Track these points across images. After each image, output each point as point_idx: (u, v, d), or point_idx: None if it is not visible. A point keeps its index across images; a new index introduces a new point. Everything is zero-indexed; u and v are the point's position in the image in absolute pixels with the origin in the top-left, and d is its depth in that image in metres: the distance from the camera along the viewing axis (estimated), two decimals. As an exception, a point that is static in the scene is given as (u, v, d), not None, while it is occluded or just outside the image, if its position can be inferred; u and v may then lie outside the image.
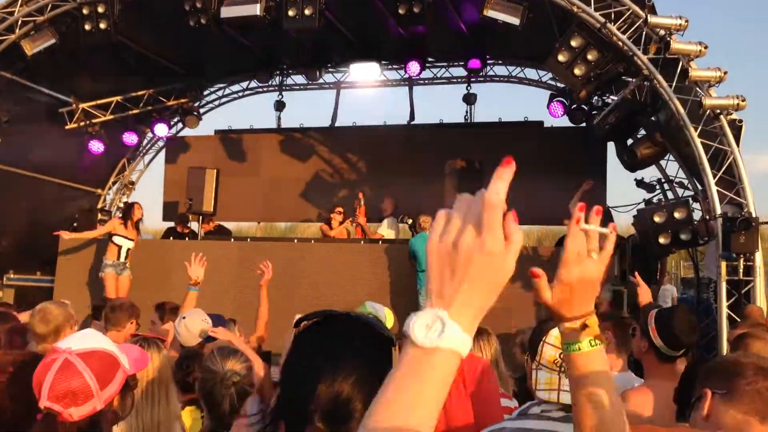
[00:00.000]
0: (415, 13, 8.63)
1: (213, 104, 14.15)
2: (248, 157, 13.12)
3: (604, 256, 1.25)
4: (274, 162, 12.91)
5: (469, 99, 12.44)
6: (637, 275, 5.42)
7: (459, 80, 12.64)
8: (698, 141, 7.61)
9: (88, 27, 9.26)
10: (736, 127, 7.64)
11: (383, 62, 12.37)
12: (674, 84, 7.65)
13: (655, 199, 9.75)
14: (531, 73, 12.24)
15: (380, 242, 10.03)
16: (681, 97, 7.66)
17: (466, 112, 12.48)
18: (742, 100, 7.41)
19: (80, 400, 1.71)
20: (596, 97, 10.23)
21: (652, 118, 8.88)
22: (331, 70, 12.86)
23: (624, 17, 7.84)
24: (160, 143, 14.09)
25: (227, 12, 8.82)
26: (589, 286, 1.25)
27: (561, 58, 8.05)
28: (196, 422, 2.87)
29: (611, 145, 10.50)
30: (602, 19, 7.83)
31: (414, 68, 11.62)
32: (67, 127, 11.93)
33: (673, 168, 9.83)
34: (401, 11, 8.73)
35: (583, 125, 11.00)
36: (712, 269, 8.57)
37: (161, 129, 13.10)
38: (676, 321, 3.01)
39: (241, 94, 14.01)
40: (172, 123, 13.67)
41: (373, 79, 12.80)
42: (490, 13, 8.08)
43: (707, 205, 7.83)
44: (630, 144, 9.36)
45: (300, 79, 13.26)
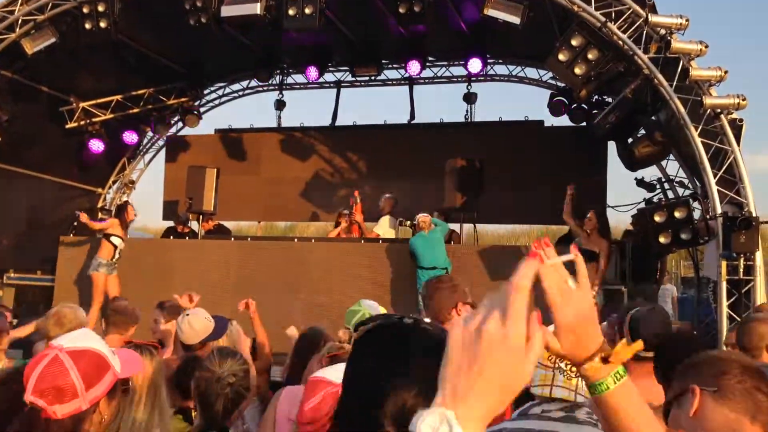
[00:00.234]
0: (416, 12, 8.62)
1: (213, 103, 14.15)
2: (248, 156, 13.12)
3: (582, 279, 1.21)
4: (275, 161, 12.90)
5: (470, 98, 12.42)
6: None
7: (459, 79, 12.62)
8: (698, 140, 7.61)
9: (88, 26, 9.26)
10: (737, 126, 7.63)
11: (383, 61, 12.36)
12: (675, 83, 7.65)
13: (655, 199, 9.74)
14: (531, 73, 12.24)
15: (380, 241, 10.02)
16: (681, 96, 7.65)
17: (467, 111, 12.46)
18: (743, 100, 7.40)
19: (65, 397, 1.71)
20: (597, 97, 10.22)
21: (653, 118, 8.87)
22: (331, 69, 12.85)
23: (624, 16, 7.84)
24: (160, 142, 14.09)
25: (227, 11, 8.82)
26: (588, 320, 1.20)
27: (561, 57, 8.05)
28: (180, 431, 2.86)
29: (612, 144, 10.50)
30: (603, 19, 7.82)
31: (414, 67, 11.62)
32: (68, 126, 11.92)
33: (673, 167, 9.84)
34: (402, 10, 8.71)
35: (584, 124, 11.00)
36: (711, 269, 8.56)
37: (161, 128, 13.15)
38: (647, 322, 3.15)
39: (241, 93, 14.00)
40: (173, 122, 13.69)
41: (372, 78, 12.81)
42: (491, 12, 8.07)
43: (707, 204, 7.83)
44: (629, 143, 9.36)
45: (300, 78, 13.25)
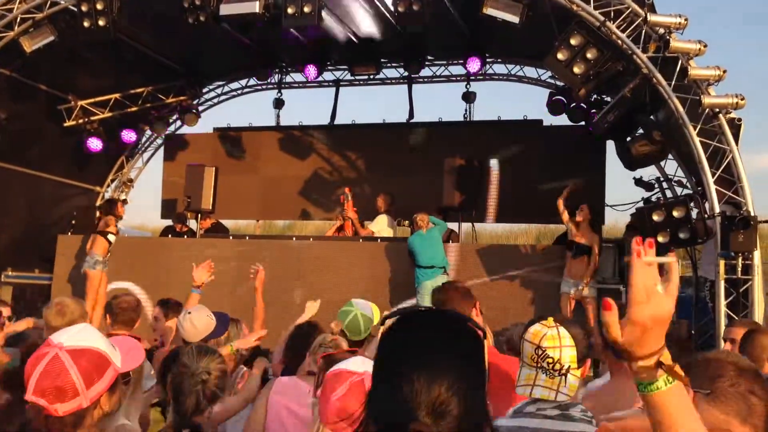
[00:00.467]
0: (415, 11, 8.61)
1: (212, 102, 14.13)
2: (247, 154, 13.12)
3: (671, 286, 1.21)
4: (273, 160, 12.90)
5: (469, 97, 12.41)
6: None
7: (458, 78, 12.62)
8: (697, 140, 7.61)
9: (86, 24, 9.24)
10: (735, 125, 7.64)
11: (382, 60, 12.35)
12: (673, 82, 7.65)
13: (653, 198, 9.75)
14: (530, 72, 12.23)
15: (379, 240, 10.03)
16: (680, 95, 7.66)
17: (466, 110, 12.46)
18: (741, 99, 7.40)
19: (66, 396, 1.72)
20: (595, 96, 10.22)
21: (651, 117, 8.88)
22: (330, 68, 12.84)
23: (623, 15, 7.84)
24: (159, 141, 14.07)
25: (226, 9, 8.81)
26: (662, 323, 1.21)
27: (560, 56, 8.05)
28: (157, 423, 2.86)
29: (611, 143, 10.50)
30: (602, 18, 7.82)
31: (413, 67, 11.62)
32: (66, 125, 11.92)
33: (672, 166, 9.84)
34: (401, 9, 8.70)
35: (582, 124, 11.00)
36: (707, 269, 8.56)
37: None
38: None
39: (240, 91, 13.98)
40: (171, 120, 13.67)
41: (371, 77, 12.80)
42: (490, 11, 8.07)
43: (702, 204, 7.83)
44: (627, 142, 9.37)
45: (299, 77, 13.24)
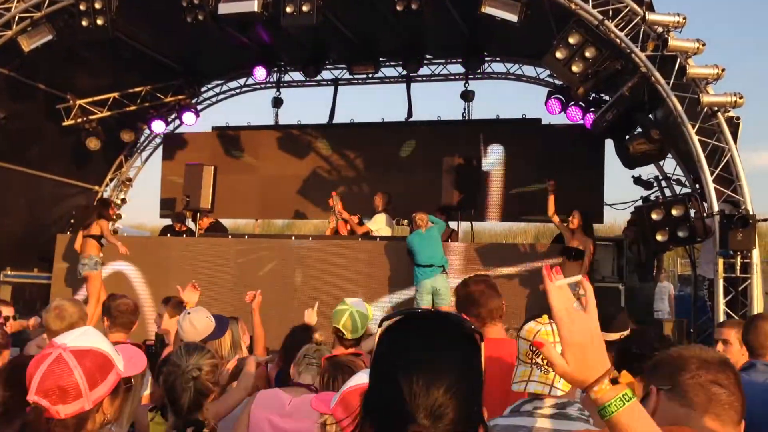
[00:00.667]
0: (413, 10, 8.61)
1: (210, 101, 14.13)
2: (246, 153, 13.11)
3: (588, 301, 1.23)
4: (272, 159, 12.89)
5: (467, 96, 12.41)
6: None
7: (457, 77, 12.62)
8: (696, 138, 7.62)
9: (85, 23, 9.23)
10: (734, 124, 7.65)
11: (381, 59, 12.35)
12: (672, 81, 7.65)
13: (652, 197, 9.75)
14: (529, 70, 12.23)
15: (378, 239, 10.03)
16: (679, 94, 7.66)
17: (464, 109, 12.47)
18: (740, 98, 7.41)
19: (68, 398, 1.70)
20: (594, 95, 10.22)
21: (650, 116, 8.88)
22: (329, 66, 12.83)
23: (622, 14, 7.84)
24: (158, 140, 14.06)
25: (225, 8, 8.80)
26: (595, 341, 1.22)
27: (559, 55, 8.05)
28: (156, 425, 2.86)
29: (609, 142, 10.50)
30: (600, 17, 7.82)
31: (412, 65, 11.60)
32: (65, 124, 11.90)
33: (670, 165, 9.85)
34: (399, 8, 8.70)
35: (581, 122, 10.99)
36: (705, 268, 8.56)
37: (158, 125, 13.12)
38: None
39: (238, 90, 13.98)
40: (170, 120, 13.66)
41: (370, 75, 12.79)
42: (488, 10, 8.07)
43: (701, 203, 7.84)
44: (625, 140, 9.37)
45: (298, 75, 13.24)
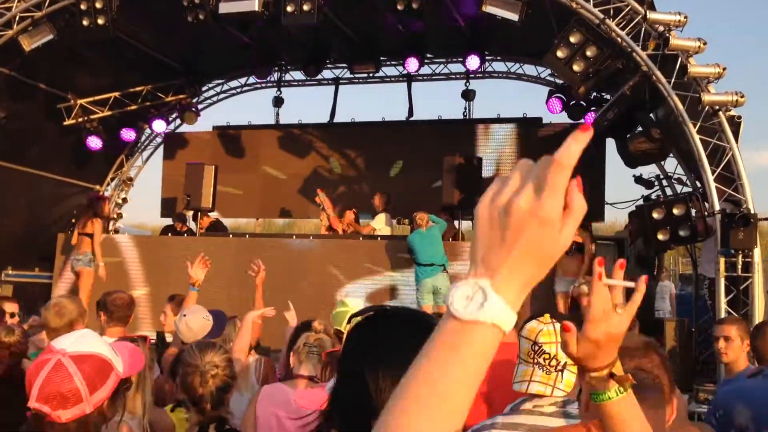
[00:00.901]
0: (414, 9, 8.61)
1: (211, 100, 14.13)
2: (247, 153, 13.11)
3: (631, 308, 1.24)
4: (273, 158, 12.89)
5: (468, 95, 12.41)
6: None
7: (458, 76, 12.61)
8: (697, 137, 7.61)
9: (86, 23, 9.23)
10: (735, 123, 7.64)
11: (382, 58, 12.35)
12: (673, 80, 7.65)
13: (653, 196, 9.75)
14: (530, 70, 12.22)
15: (379, 238, 10.03)
16: (680, 93, 7.65)
17: (465, 108, 12.46)
18: (741, 97, 7.40)
19: (69, 403, 1.71)
20: (595, 94, 10.22)
21: (651, 115, 8.88)
22: (329, 66, 12.83)
23: (623, 13, 7.84)
24: (159, 139, 14.06)
25: (225, 8, 8.80)
26: (615, 340, 1.25)
27: (560, 54, 8.05)
28: (181, 422, 2.87)
29: (611, 141, 10.50)
30: (601, 15, 7.82)
31: (412, 64, 11.60)
32: (65, 123, 11.90)
33: (671, 164, 9.85)
34: (400, 7, 8.70)
35: (582, 121, 11.00)
36: (706, 267, 8.56)
37: (159, 125, 13.13)
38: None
39: (239, 90, 13.98)
40: (171, 119, 13.66)
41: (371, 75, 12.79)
42: (489, 9, 8.06)
43: (702, 202, 7.83)
44: (626, 139, 9.37)
45: (299, 75, 13.24)
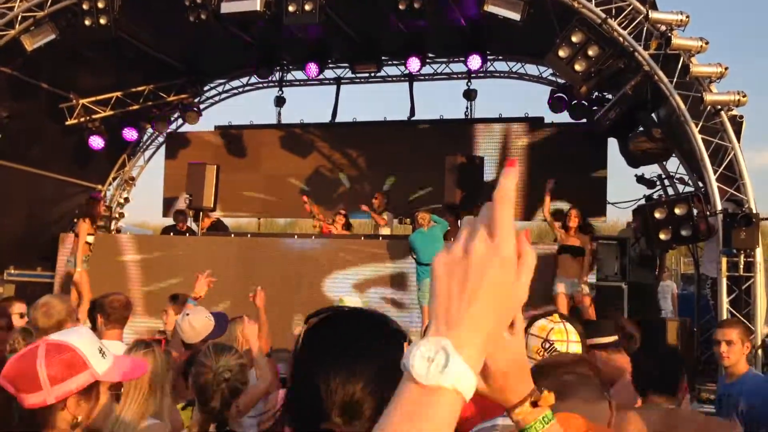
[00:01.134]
0: (416, 9, 8.60)
1: (213, 100, 14.13)
2: (248, 152, 13.12)
3: (517, 329, 1.20)
4: (275, 158, 12.90)
5: (470, 95, 12.40)
6: None
7: (459, 76, 12.61)
8: (699, 137, 7.61)
9: (88, 22, 9.24)
10: (737, 123, 7.63)
11: (383, 58, 12.35)
12: (675, 80, 7.64)
13: (655, 195, 9.74)
14: (531, 69, 12.21)
15: (380, 238, 10.03)
16: (682, 92, 7.65)
17: (467, 107, 12.46)
18: (743, 96, 7.40)
19: (29, 387, 1.72)
20: (597, 93, 10.21)
21: (653, 114, 8.87)
22: (331, 65, 12.83)
23: (625, 13, 7.83)
24: (160, 139, 14.09)
25: (227, 7, 8.80)
26: (520, 366, 1.17)
27: (562, 53, 8.04)
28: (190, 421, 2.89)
29: (612, 140, 10.50)
30: (603, 15, 7.81)
31: (414, 64, 11.60)
32: (67, 123, 11.92)
33: (673, 164, 9.84)
34: (401, 7, 8.69)
35: (584, 121, 10.99)
36: (708, 266, 8.55)
37: (161, 125, 13.18)
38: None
39: (241, 89, 13.98)
40: (172, 119, 13.68)
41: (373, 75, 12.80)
42: (491, 9, 8.06)
43: (704, 202, 7.82)
44: (627, 139, 9.36)
45: (300, 74, 13.24)
